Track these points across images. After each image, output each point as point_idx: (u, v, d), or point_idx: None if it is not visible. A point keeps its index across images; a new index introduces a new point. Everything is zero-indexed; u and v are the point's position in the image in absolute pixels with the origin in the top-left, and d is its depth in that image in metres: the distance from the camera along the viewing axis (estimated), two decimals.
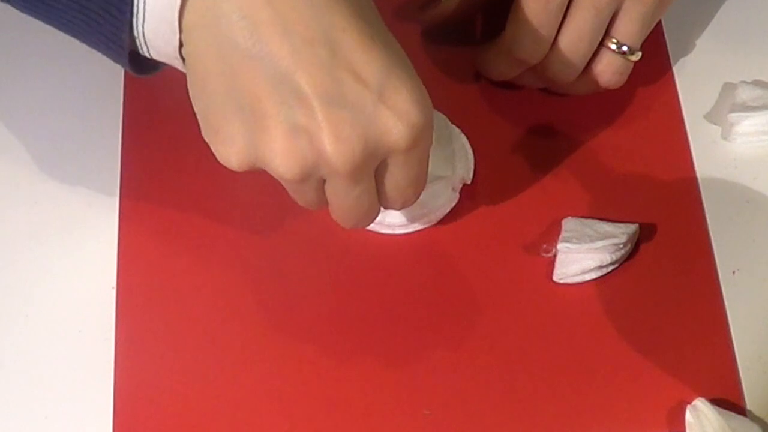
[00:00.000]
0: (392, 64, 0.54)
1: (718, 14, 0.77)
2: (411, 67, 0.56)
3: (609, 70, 0.68)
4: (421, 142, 0.56)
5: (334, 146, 0.53)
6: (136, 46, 0.56)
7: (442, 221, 0.68)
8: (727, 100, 0.73)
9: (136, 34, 0.56)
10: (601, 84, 0.69)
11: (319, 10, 0.53)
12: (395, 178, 0.58)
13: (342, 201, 0.58)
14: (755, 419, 0.62)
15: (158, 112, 0.72)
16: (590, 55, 0.67)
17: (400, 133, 0.54)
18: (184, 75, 0.64)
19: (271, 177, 0.57)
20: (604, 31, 0.66)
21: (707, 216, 0.69)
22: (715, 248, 0.68)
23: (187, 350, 0.65)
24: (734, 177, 0.71)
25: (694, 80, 0.74)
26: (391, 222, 0.67)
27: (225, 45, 0.53)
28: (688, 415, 0.62)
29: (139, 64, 0.58)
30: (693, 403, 0.62)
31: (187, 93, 0.58)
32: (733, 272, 0.67)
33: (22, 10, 0.59)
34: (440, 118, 0.69)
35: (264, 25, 0.53)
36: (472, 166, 0.69)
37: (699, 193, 0.70)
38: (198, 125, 0.71)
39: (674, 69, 0.74)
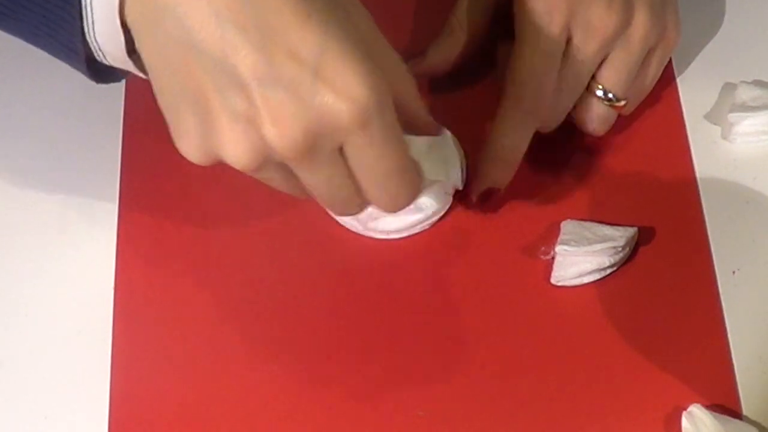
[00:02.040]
0: (330, 38, 0.51)
1: (718, 14, 0.76)
2: (358, 41, 0.53)
3: (594, 118, 0.68)
4: (372, 120, 0.52)
5: (275, 129, 0.52)
6: (91, 52, 0.56)
7: (438, 225, 0.68)
8: (727, 100, 0.73)
9: (89, 39, 0.55)
10: (585, 131, 0.69)
11: None
12: (361, 163, 0.55)
13: (313, 185, 0.56)
14: (752, 422, 0.62)
15: (158, 113, 0.71)
16: (572, 103, 0.67)
17: (341, 110, 0.52)
18: None
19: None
20: (589, 78, 0.67)
21: (707, 216, 0.69)
22: (714, 249, 0.68)
23: (184, 351, 0.65)
24: (734, 177, 0.71)
25: (694, 80, 0.74)
26: (385, 228, 0.67)
27: (165, 39, 0.52)
28: (685, 421, 0.62)
29: (98, 72, 0.58)
30: (689, 409, 0.62)
31: None
32: (733, 272, 0.67)
33: None
34: None
35: (196, 16, 0.51)
36: (464, 171, 0.69)
37: (698, 193, 0.70)
38: None
39: (674, 69, 0.74)
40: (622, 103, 0.68)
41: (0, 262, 0.68)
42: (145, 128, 0.71)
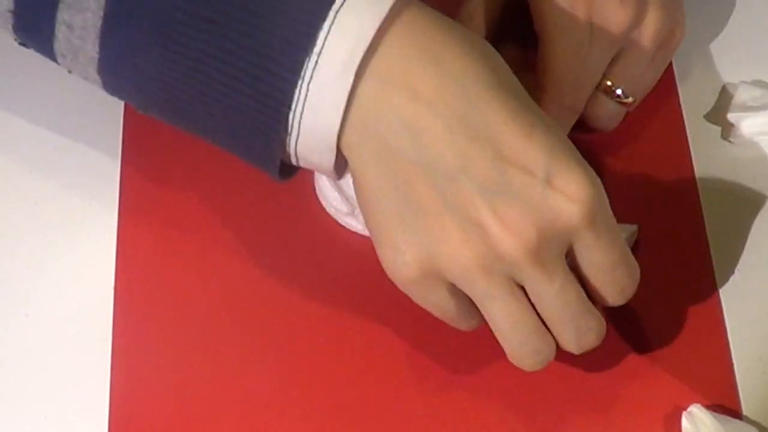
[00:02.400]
0: (554, 147, 0.55)
1: (718, 14, 0.77)
2: (571, 145, 0.56)
3: (604, 115, 0.68)
4: (599, 215, 0.56)
5: (507, 232, 0.54)
6: (285, 158, 0.57)
7: None
8: (727, 100, 0.73)
9: (288, 149, 0.56)
10: (594, 127, 0.69)
11: (477, 107, 0.54)
12: (594, 260, 0.57)
13: (546, 302, 0.57)
14: (752, 422, 0.62)
15: None
16: (589, 95, 0.67)
17: (573, 211, 0.54)
18: None
19: (268, 180, 0.58)
20: (603, 70, 0.67)
21: (706, 216, 0.69)
22: (714, 249, 0.68)
23: (184, 352, 0.65)
24: (734, 177, 0.71)
25: (694, 80, 0.74)
26: None
27: (390, 158, 0.54)
28: (684, 421, 0.62)
29: (285, 171, 0.59)
30: (689, 409, 0.62)
31: None
32: (733, 272, 0.67)
33: (176, 124, 0.60)
34: None
35: (428, 131, 0.54)
36: None
37: (698, 193, 0.70)
38: None
39: (674, 69, 0.74)
40: (631, 99, 0.68)
41: (0, 262, 0.68)
42: (145, 128, 0.71)
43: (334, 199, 0.68)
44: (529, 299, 0.57)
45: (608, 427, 0.63)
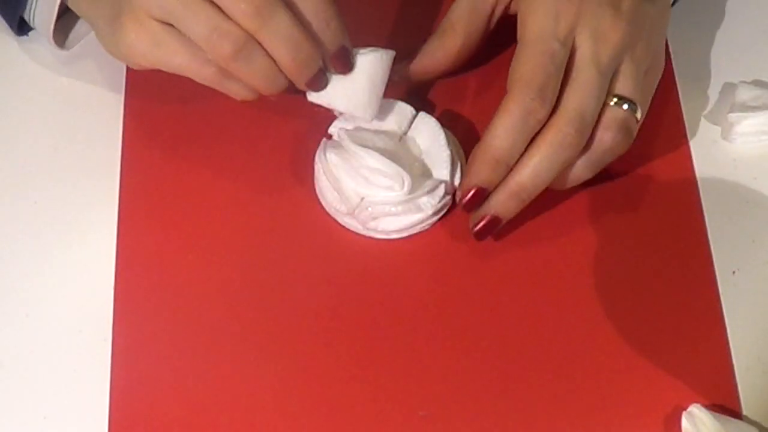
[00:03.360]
0: None
1: (718, 14, 0.77)
2: None
3: (614, 125, 0.65)
4: None
5: None
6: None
7: (438, 225, 0.68)
8: (727, 100, 0.73)
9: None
10: (608, 143, 0.66)
11: None
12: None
13: None
14: (751, 422, 0.62)
15: (158, 113, 0.72)
16: (597, 115, 0.65)
17: None
18: (183, 78, 0.65)
19: (268, 180, 0.58)
20: (606, 89, 0.65)
21: (706, 216, 0.69)
22: (714, 248, 0.68)
23: (184, 351, 0.65)
24: (734, 177, 0.71)
25: (694, 80, 0.74)
26: (386, 228, 0.68)
27: None
28: (684, 421, 0.62)
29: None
30: (689, 409, 0.62)
31: (187, 94, 0.59)
32: (733, 272, 0.67)
33: None
34: (432, 122, 0.69)
35: None
36: (460, 171, 0.69)
37: (698, 193, 0.70)
38: (197, 127, 0.72)
39: (674, 69, 0.74)
40: (639, 113, 0.67)
41: (1, 262, 0.68)
42: (145, 128, 0.71)
43: (334, 199, 0.68)
44: None
45: (608, 427, 0.63)
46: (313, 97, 0.66)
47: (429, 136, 0.68)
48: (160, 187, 0.70)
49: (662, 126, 0.72)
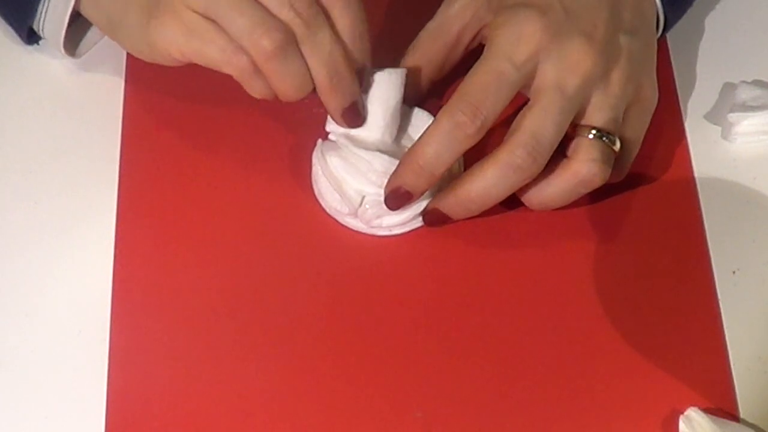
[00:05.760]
0: None
1: (718, 14, 0.77)
2: None
3: (588, 157, 0.65)
4: None
5: None
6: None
7: None
8: (727, 100, 0.73)
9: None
10: (582, 175, 0.65)
11: None
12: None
13: None
14: (749, 425, 0.62)
15: (158, 114, 0.72)
16: (556, 141, 0.64)
17: None
18: (183, 78, 0.65)
19: (268, 180, 0.58)
20: (570, 119, 0.65)
21: (706, 216, 0.69)
22: (714, 249, 0.68)
23: (182, 351, 0.65)
24: (734, 177, 0.71)
25: (694, 80, 0.74)
26: (389, 223, 0.68)
27: None
28: (682, 425, 0.61)
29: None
30: (686, 412, 0.62)
31: (186, 97, 0.59)
32: (732, 273, 0.67)
33: None
34: (429, 118, 0.69)
35: None
36: (462, 168, 0.68)
37: (698, 193, 0.70)
38: (196, 129, 0.72)
39: (674, 69, 0.74)
40: (617, 144, 0.66)
41: (0, 262, 0.68)
42: (145, 128, 0.72)
43: (334, 200, 0.68)
44: None
45: (606, 429, 0.62)
46: (331, 126, 0.68)
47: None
48: (159, 189, 0.70)
49: (662, 126, 0.72)
